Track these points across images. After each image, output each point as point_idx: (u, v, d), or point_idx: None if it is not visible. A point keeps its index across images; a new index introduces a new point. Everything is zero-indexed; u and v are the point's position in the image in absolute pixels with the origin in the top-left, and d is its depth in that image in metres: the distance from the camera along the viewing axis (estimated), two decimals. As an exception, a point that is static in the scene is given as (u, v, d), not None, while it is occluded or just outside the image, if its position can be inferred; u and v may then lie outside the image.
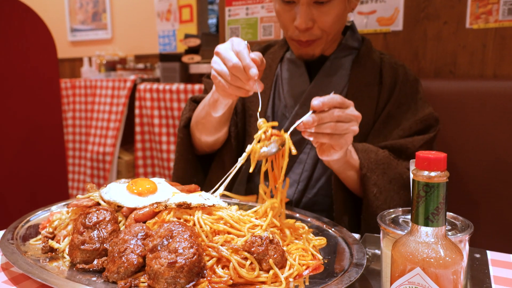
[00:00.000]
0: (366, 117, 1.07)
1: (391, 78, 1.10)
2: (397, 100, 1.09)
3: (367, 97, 1.09)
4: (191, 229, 0.62)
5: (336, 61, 1.13)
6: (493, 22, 1.32)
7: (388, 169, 0.97)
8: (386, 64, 1.13)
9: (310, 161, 1.10)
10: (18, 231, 0.78)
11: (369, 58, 1.13)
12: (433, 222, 0.51)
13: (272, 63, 1.21)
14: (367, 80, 1.10)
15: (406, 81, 1.11)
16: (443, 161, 0.50)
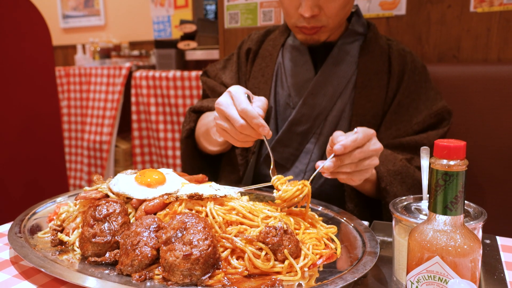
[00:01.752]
0: (376, 106, 1.07)
1: (400, 66, 1.09)
2: (407, 89, 1.07)
3: (376, 86, 1.07)
4: (204, 221, 0.62)
5: (343, 47, 1.10)
6: (497, 6, 1.30)
7: (406, 177, 0.97)
8: (394, 52, 1.11)
9: (317, 151, 1.09)
10: (25, 224, 0.77)
11: (377, 45, 1.11)
12: (451, 211, 0.51)
13: (273, 50, 1.18)
14: (376, 68, 1.08)
15: (415, 68, 1.10)
16: (462, 149, 0.50)
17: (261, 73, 1.17)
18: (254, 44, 1.22)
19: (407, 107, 1.07)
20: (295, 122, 1.08)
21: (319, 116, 1.08)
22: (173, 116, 2.62)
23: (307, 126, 1.08)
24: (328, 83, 1.07)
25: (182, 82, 2.53)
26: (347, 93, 1.08)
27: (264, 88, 1.14)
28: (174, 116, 2.61)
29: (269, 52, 1.19)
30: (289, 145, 1.10)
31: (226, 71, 1.25)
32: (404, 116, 1.06)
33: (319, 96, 1.07)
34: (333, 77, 1.08)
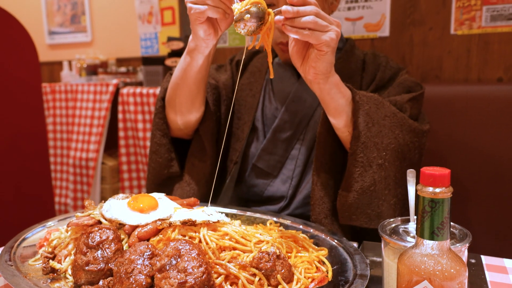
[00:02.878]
0: None
1: (373, 65, 1.14)
2: (379, 82, 1.12)
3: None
4: (198, 247, 0.62)
5: None
6: (476, 28, 1.36)
7: (381, 106, 0.95)
8: (369, 56, 1.17)
9: (302, 157, 1.13)
10: (14, 251, 0.76)
11: (353, 54, 1.17)
12: (438, 236, 0.53)
13: (262, 67, 1.24)
14: (350, 72, 1.13)
15: (388, 67, 1.14)
16: (447, 177, 0.52)
17: (249, 87, 1.22)
18: (246, 57, 1.29)
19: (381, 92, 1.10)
20: (279, 129, 1.13)
21: (301, 122, 1.13)
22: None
23: (290, 133, 1.13)
24: (307, 91, 1.12)
25: (170, 99, 2.53)
26: None
27: (252, 102, 1.19)
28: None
29: (258, 68, 1.24)
30: (275, 153, 1.14)
31: (221, 71, 1.29)
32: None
33: (299, 103, 1.13)
34: None
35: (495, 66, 1.35)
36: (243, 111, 1.19)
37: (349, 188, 0.92)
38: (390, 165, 0.93)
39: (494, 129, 1.29)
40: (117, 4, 3.48)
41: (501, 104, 1.27)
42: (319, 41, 0.78)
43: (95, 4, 3.58)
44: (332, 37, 0.79)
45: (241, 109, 1.20)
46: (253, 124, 1.18)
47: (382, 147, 0.92)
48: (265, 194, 1.15)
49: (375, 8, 1.47)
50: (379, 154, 0.92)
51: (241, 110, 1.20)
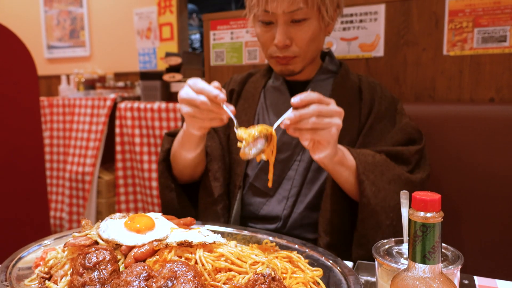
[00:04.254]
0: (350, 133, 1.13)
1: (370, 95, 1.17)
2: (378, 113, 1.14)
3: (350, 116, 1.13)
4: (194, 269, 0.63)
5: (318, 83, 1.19)
6: (468, 50, 1.39)
7: (386, 170, 1.00)
8: (364, 83, 1.19)
9: (298, 177, 1.14)
10: (10, 271, 0.76)
11: (348, 79, 1.19)
12: (429, 260, 0.54)
13: (255, 92, 1.25)
14: (348, 100, 1.15)
15: (384, 97, 1.18)
16: (438, 202, 0.54)
17: (243, 113, 1.23)
18: (237, 85, 1.29)
19: (380, 132, 1.14)
20: (277, 150, 1.13)
21: (299, 144, 1.14)
22: (158, 148, 2.63)
23: (288, 154, 1.15)
24: None
25: (167, 114, 2.55)
26: None
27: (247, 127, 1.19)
28: (159, 147, 2.62)
29: (251, 93, 1.25)
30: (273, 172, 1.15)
31: None
32: (376, 137, 1.13)
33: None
34: None
35: (487, 87, 1.38)
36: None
37: (362, 246, 1.01)
38: (398, 222, 0.99)
39: (486, 148, 1.31)
40: (116, 19, 3.52)
41: (493, 124, 1.29)
42: (321, 138, 0.85)
43: (94, 19, 3.63)
44: (333, 133, 0.85)
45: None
46: None
47: (389, 209, 0.99)
48: (260, 212, 1.16)
49: (370, 29, 1.50)
50: (387, 216, 0.99)
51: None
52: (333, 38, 1.56)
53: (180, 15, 3.27)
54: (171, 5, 3.24)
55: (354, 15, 1.51)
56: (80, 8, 3.61)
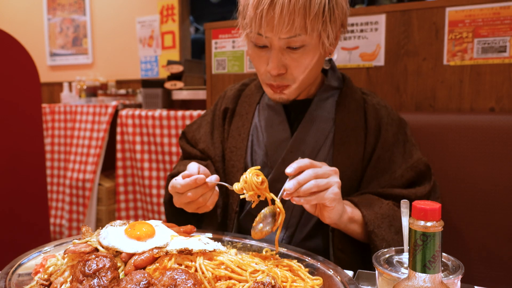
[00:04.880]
0: (355, 162, 1.07)
1: (376, 121, 1.10)
2: (385, 143, 1.08)
3: (354, 142, 1.08)
4: (194, 277, 0.63)
5: (320, 104, 1.11)
6: (468, 60, 1.40)
7: (394, 220, 0.98)
8: (369, 106, 1.12)
9: (297, 207, 1.09)
10: (10, 277, 0.76)
11: (352, 99, 1.11)
12: (430, 269, 0.54)
13: (249, 109, 1.18)
14: (352, 124, 1.09)
15: (391, 122, 1.11)
16: (438, 211, 0.54)
17: (237, 132, 1.17)
18: (231, 103, 1.22)
19: (387, 161, 1.08)
20: (275, 180, 1.08)
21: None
22: (158, 155, 2.63)
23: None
24: (306, 141, 1.09)
25: (168, 121, 2.56)
26: (326, 150, 1.09)
27: (241, 148, 1.14)
28: (160, 155, 2.63)
29: (245, 110, 1.18)
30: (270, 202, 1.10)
31: (201, 130, 1.25)
32: (384, 170, 1.08)
33: (297, 154, 1.07)
34: (310, 135, 1.09)
35: (487, 96, 1.39)
36: (234, 158, 1.15)
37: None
38: None
39: (486, 158, 1.31)
40: (118, 27, 3.55)
41: (493, 134, 1.30)
42: (324, 200, 0.84)
43: (97, 27, 3.65)
44: (335, 191, 0.85)
45: (232, 156, 1.16)
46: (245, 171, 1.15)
47: None
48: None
49: (370, 39, 1.51)
50: None
51: (233, 157, 1.15)
52: (334, 47, 1.57)
53: (182, 23, 3.30)
54: (173, 13, 3.27)
55: (355, 24, 1.52)
56: (83, 16, 3.64)
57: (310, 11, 0.90)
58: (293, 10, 0.90)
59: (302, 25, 0.91)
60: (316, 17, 0.92)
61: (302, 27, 0.92)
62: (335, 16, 0.95)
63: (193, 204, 0.91)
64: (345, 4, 1.00)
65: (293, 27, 0.91)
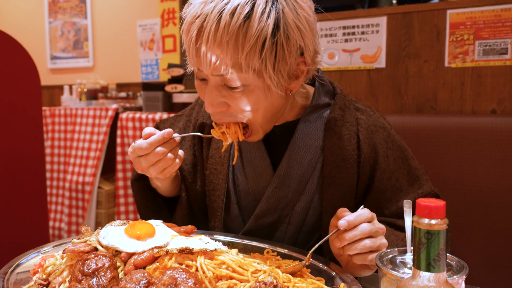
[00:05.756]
0: (347, 194, 0.96)
1: (371, 147, 0.95)
2: (385, 172, 0.97)
3: (345, 173, 0.95)
4: (195, 276, 0.62)
5: (306, 130, 0.95)
6: (469, 62, 1.40)
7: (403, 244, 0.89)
8: (363, 131, 0.96)
9: (288, 240, 1.00)
10: (8, 277, 0.75)
11: (344, 123, 0.95)
12: (434, 268, 0.53)
13: None
14: (343, 154, 0.94)
15: (391, 145, 0.99)
16: (442, 209, 0.53)
17: (218, 153, 1.04)
18: (208, 118, 1.05)
19: (391, 190, 0.97)
20: (261, 215, 0.99)
21: (286, 207, 0.98)
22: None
23: (274, 217, 0.99)
24: (291, 175, 0.96)
25: (168, 125, 2.56)
26: (314, 182, 0.97)
27: (222, 171, 1.02)
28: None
29: None
30: (258, 235, 0.99)
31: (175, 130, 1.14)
32: (389, 200, 0.98)
33: (283, 189, 0.97)
34: (296, 167, 0.96)
35: (488, 98, 1.39)
36: (215, 181, 1.04)
37: None
38: None
39: (488, 160, 1.30)
40: (119, 31, 3.56)
41: (495, 136, 1.29)
42: (368, 262, 0.77)
43: (98, 31, 3.66)
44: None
45: (213, 179, 1.04)
46: (227, 196, 1.03)
47: None
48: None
49: (372, 41, 1.51)
50: None
51: (214, 179, 1.04)
52: (335, 49, 1.57)
53: (183, 27, 3.30)
54: (174, 17, 3.28)
55: (356, 27, 1.52)
56: (84, 19, 3.65)
57: (244, 45, 0.74)
58: (220, 42, 0.74)
59: (233, 62, 0.76)
60: (251, 53, 0.74)
61: (233, 64, 0.76)
62: (283, 53, 0.76)
63: (161, 163, 0.83)
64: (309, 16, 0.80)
65: (221, 63, 0.75)
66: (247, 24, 0.73)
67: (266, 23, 0.73)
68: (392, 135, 1.00)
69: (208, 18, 0.74)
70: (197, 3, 0.77)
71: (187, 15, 0.79)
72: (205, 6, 0.75)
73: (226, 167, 1.02)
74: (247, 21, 0.73)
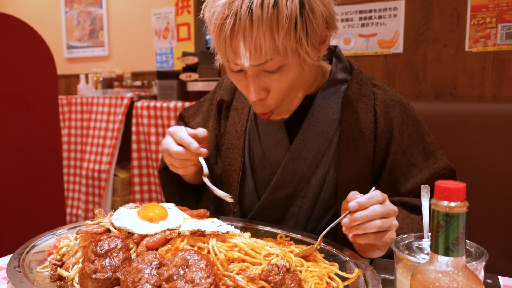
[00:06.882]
0: (363, 168, 0.96)
1: (387, 121, 0.97)
2: (400, 146, 0.97)
3: (362, 146, 0.96)
4: (206, 258, 0.62)
5: (323, 103, 0.98)
6: (491, 46, 1.35)
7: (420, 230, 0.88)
8: (380, 104, 0.97)
9: (302, 215, 1.01)
10: (24, 257, 0.76)
11: (361, 96, 0.98)
12: (453, 252, 0.51)
13: (246, 102, 1.08)
14: (360, 127, 0.96)
15: (407, 120, 0.99)
16: (462, 191, 0.51)
17: (234, 128, 1.08)
18: (227, 94, 1.11)
19: (406, 165, 0.98)
20: (277, 188, 1.00)
21: (302, 180, 0.99)
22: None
23: (290, 191, 1.00)
24: (308, 146, 0.98)
25: (182, 113, 2.56)
26: (330, 154, 0.98)
27: (238, 146, 1.05)
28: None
29: (242, 104, 1.08)
30: (273, 209, 1.02)
31: (196, 118, 1.19)
32: (403, 176, 0.98)
33: (299, 161, 0.98)
34: (313, 139, 0.98)
35: (510, 84, 1.34)
36: (231, 156, 1.07)
37: None
38: None
39: (509, 147, 1.26)
40: (134, 19, 3.56)
41: (517, 123, 1.25)
42: (379, 242, 0.77)
43: (113, 20, 3.67)
44: (393, 236, 0.77)
45: (230, 154, 1.07)
46: (242, 170, 1.06)
47: None
48: None
49: (389, 25, 1.47)
50: None
51: (230, 155, 1.07)
52: (351, 34, 1.54)
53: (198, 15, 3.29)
54: (188, 5, 3.26)
55: (373, 11, 1.48)
56: (100, 8, 3.67)
57: (279, 31, 0.78)
58: (257, 35, 0.78)
59: (272, 48, 0.80)
60: (287, 36, 0.79)
61: (272, 50, 0.80)
62: (312, 26, 0.81)
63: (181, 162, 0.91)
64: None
65: (262, 52, 0.79)
66: (276, 11, 0.77)
67: (292, 5, 0.78)
68: (408, 109, 1.01)
69: (239, 16, 0.78)
70: (219, 4, 0.80)
71: (212, 18, 0.83)
72: (231, 5, 0.78)
73: (242, 141, 1.05)
74: (275, 8, 0.77)
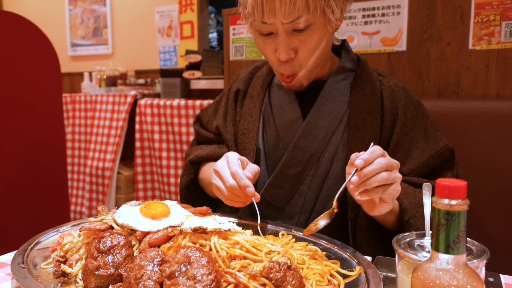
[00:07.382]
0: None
1: (393, 103, 1.05)
2: (404, 127, 1.04)
3: (370, 126, 1.04)
4: (208, 255, 0.62)
5: (334, 86, 1.07)
6: (495, 44, 1.34)
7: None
8: (386, 89, 1.07)
9: (311, 194, 1.06)
10: (28, 254, 0.77)
11: (368, 81, 1.07)
12: (454, 250, 0.51)
13: (260, 90, 1.16)
14: (368, 107, 1.04)
15: (409, 104, 1.06)
16: (463, 189, 0.51)
17: (249, 113, 1.15)
18: (242, 84, 1.20)
19: (407, 146, 1.04)
20: (287, 165, 1.06)
21: (311, 158, 1.05)
22: (177, 144, 2.65)
23: (299, 169, 1.06)
24: (319, 125, 1.05)
25: (186, 111, 2.57)
26: (339, 133, 1.05)
27: (252, 129, 1.12)
28: (178, 144, 2.64)
29: (257, 91, 1.16)
30: (282, 187, 1.07)
31: (217, 115, 1.25)
32: (405, 155, 1.03)
33: (310, 138, 1.05)
34: (323, 118, 1.05)
35: (515, 82, 1.33)
36: (246, 140, 1.13)
37: None
38: None
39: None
40: (137, 18, 3.57)
41: (521, 121, 1.24)
42: (386, 195, 0.79)
43: (116, 18, 3.68)
44: (398, 188, 0.80)
45: (244, 139, 1.14)
46: (256, 153, 1.12)
47: None
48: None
49: (392, 23, 1.47)
50: None
51: (245, 139, 1.14)
52: (354, 32, 1.53)
53: (201, 13, 3.29)
54: (192, 3, 3.26)
55: (376, 8, 1.48)
56: (104, 7, 3.68)
57: None
58: None
59: (304, 5, 0.90)
60: None
61: (304, 7, 0.90)
62: None
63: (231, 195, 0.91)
64: None
65: (295, 8, 0.89)
66: None
67: None
68: (411, 96, 1.08)
69: None
70: None
71: None
72: None
73: (257, 125, 1.12)
74: None
